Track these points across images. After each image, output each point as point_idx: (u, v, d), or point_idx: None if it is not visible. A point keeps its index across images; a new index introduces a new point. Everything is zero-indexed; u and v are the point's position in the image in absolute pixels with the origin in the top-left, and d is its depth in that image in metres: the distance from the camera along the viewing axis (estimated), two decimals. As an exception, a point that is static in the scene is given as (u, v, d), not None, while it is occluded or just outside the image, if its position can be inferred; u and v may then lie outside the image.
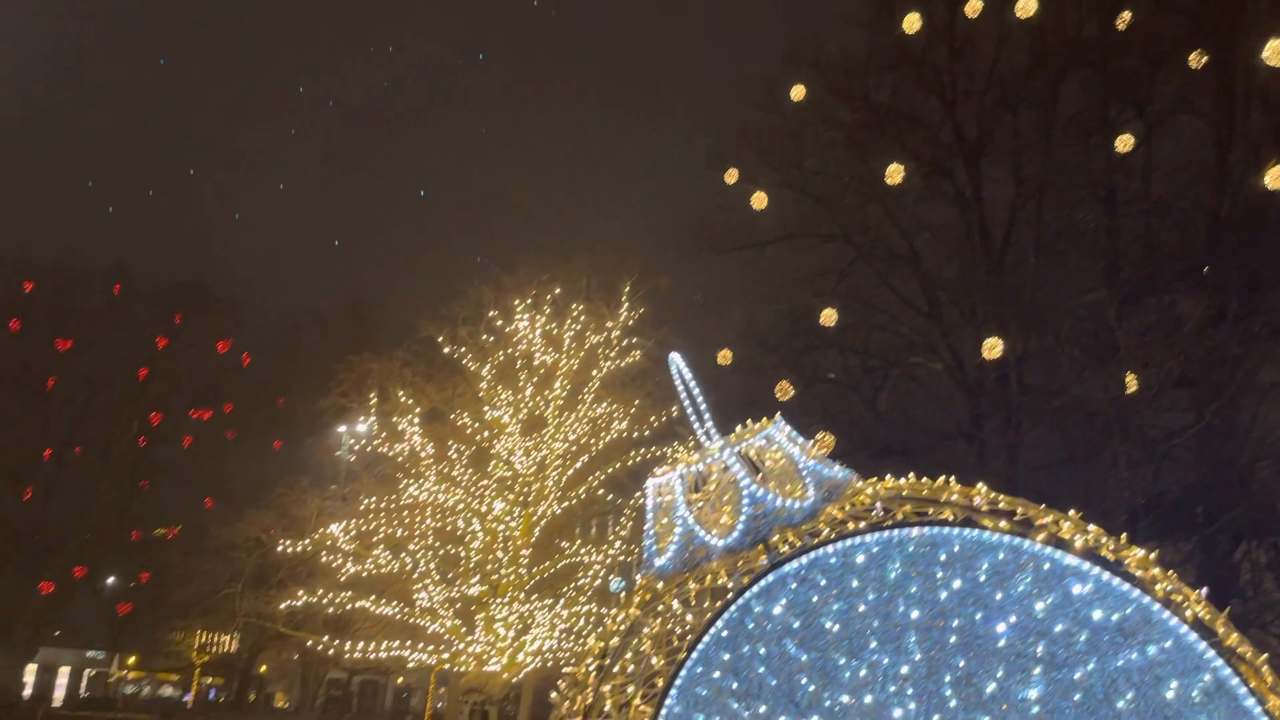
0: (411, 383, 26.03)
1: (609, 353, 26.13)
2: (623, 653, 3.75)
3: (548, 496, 25.14)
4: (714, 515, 3.93)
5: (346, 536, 24.29)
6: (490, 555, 24.18)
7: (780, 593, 3.68)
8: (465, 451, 25.26)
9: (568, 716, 3.73)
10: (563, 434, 25.26)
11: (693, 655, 3.57)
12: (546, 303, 26.05)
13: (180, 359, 45.16)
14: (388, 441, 25.29)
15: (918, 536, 3.73)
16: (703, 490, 4.05)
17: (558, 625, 23.86)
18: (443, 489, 24.50)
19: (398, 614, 24.17)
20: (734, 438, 4.11)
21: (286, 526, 26.35)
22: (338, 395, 28.19)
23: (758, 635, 3.61)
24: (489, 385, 25.61)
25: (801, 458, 4.02)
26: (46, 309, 42.96)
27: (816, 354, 28.30)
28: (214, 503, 41.23)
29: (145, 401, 44.39)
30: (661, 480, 4.08)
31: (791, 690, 3.52)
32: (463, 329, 26.24)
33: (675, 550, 3.90)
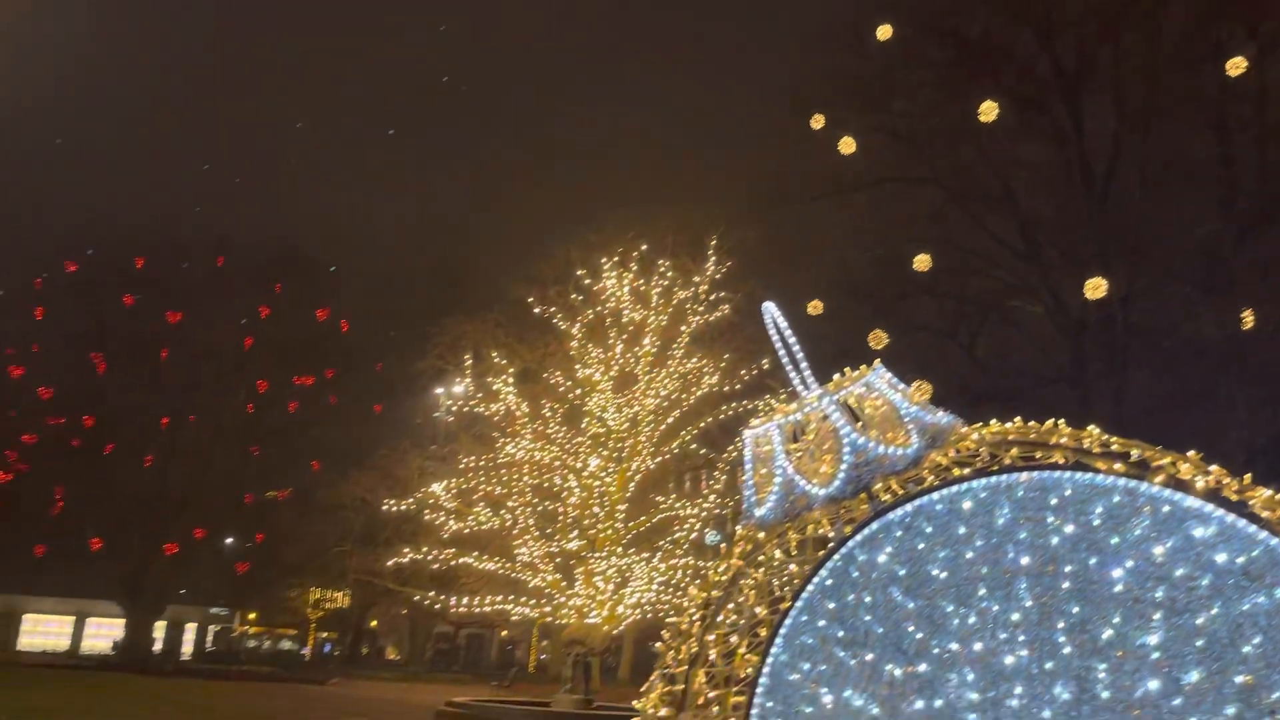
0: (504, 343, 26.45)
1: (697, 307, 26.07)
2: (725, 603, 3.76)
3: (641, 452, 25.35)
4: (814, 465, 3.89)
5: (448, 495, 24.93)
6: (587, 510, 24.54)
7: (885, 541, 3.62)
8: (559, 409, 25.63)
9: (673, 666, 3.76)
10: (654, 390, 25.37)
11: (797, 604, 3.55)
12: (633, 259, 26.07)
13: (282, 327, 46.59)
14: (484, 401, 25.79)
15: (1027, 481, 3.63)
16: (801, 440, 4.00)
17: (655, 578, 24.14)
18: (538, 447, 24.91)
19: (500, 569, 24.78)
20: (832, 386, 4.04)
21: (390, 486, 27.20)
22: (434, 358, 28.85)
23: (863, 583, 3.57)
24: (579, 343, 25.84)
25: (903, 404, 3.93)
26: (156, 283, 44.78)
27: (910, 301, 27.72)
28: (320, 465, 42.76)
29: (251, 369, 46.04)
30: (759, 431, 4.04)
31: (899, 638, 3.48)
32: (552, 289, 26.50)
33: (775, 500, 3.88)
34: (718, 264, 26.25)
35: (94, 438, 42.53)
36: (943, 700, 3.39)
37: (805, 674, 3.46)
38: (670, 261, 26.24)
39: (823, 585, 3.57)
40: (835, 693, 3.42)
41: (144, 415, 43.92)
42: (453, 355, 27.49)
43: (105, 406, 43.50)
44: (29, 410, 42.02)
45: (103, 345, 44.25)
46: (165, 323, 44.50)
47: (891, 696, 3.41)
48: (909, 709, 3.39)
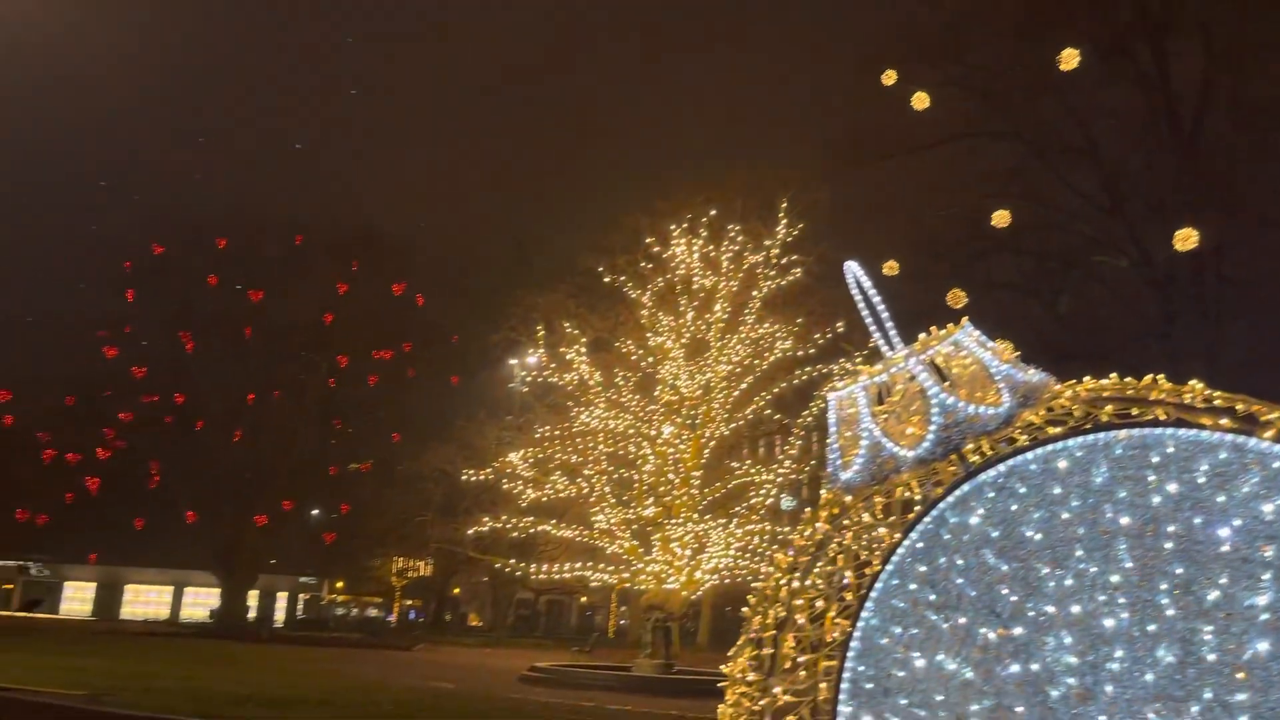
0: (576, 314, 26.58)
1: (768, 272, 25.82)
2: (812, 567, 3.72)
3: (715, 419, 25.32)
4: (901, 426, 3.80)
5: (524, 464, 25.26)
6: (662, 477, 24.64)
7: (977, 502, 3.53)
8: (631, 378, 25.71)
9: (760, 630, 3.74)
10: (726, 356, 25.27)
11: (887, 568, 3.49)
12: (702, 225, 25.89)
13: (360, 303, 47.51)
14: (557, 372, 26.00)
15: (1126, 439, 3.50)
16: (887, 401, 3.91)
17: (732, 543, 24.17)
18: (612, 415, 25.05)
19: (577, 536, 25.09)
20: (918, 345, 3.94)
21: (468, 457, 27.68)
22: (507, 330, 29.18)
23: (954, 546, 3.49)
24: (650, 312, 25.84)
25: (994, 362, 3.81)
26: (238, 263, 46.00)
27: (989, 259, 26.97)
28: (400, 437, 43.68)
29: (332, 345, 47.08)
30: (843, 393, 3.97)
31: (992, 601, 3.40)
32: (621, 258, 26.50)
33: (862, 463, 3.81)
34: (789, 227, 25.92)
35: (185, 414, 44.07)
36: (1039, 664, 3.31)
37: (896, 638, 3.40)
38: (740, 226, 26.01)
39: (913, 548, 3.50)
40: (928, 657, 3.37)
41: (231, 392, 45.36)
42: (525, 327, 27.76)
43: (194, 384, 45.04)
44: (124, 389, 43.67)
45: (190, 325, 45.69)
46: (248, 301, 45.75)
47: (985, 660, 3.34)
48: (1004, 673, 3.32)
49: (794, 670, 3.53)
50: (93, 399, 42.89)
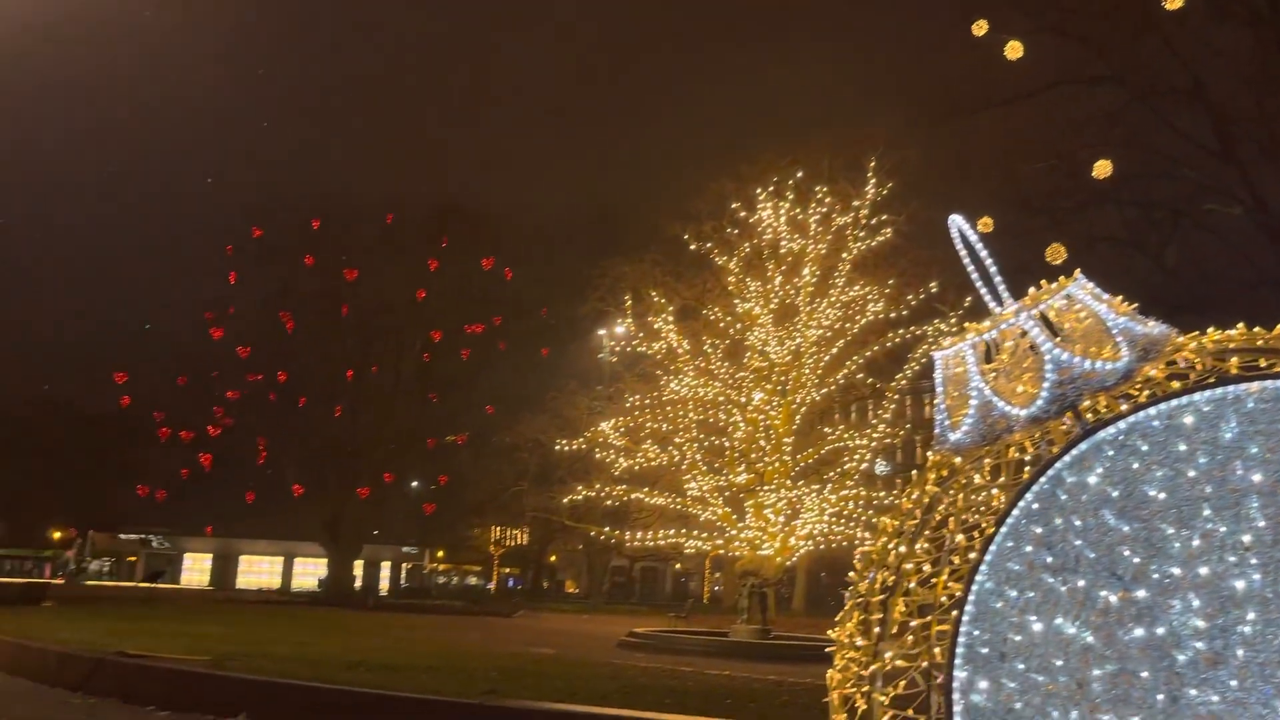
0: (662, 282, 26.54)
1: (857, 233, 25.34)
2: (922, 530, 3.64)
3: (805, 384, 25.07)
4: (1011, 385, 3.67)
5: (616, 433, 25.45)
6: (753, 444, 24.55)
7: (1095, 461, 3.39)
8: (720, 345, 25.60)
9: (868, 595, 3.68)
10: (815, 320, 24.96)
11: (1002, 530, 3.38)
12: (789, 188, 25.51)
13: (451, 278, 48.38)
14: (645, 341, 26.05)
15: (1258, 392, 3.31)
16: (996, 359, 3.78)
17: (826, 509, 24.00)
18: (701, 383, 25.02)
19: (670, 504, 25.21)
20: (1028, 300, 3.79)
21: (561, 427, 28.01)
22: (594, 300, 29.31)
23: (1071, 507, 3.36)
24: (737, 278, 25.64)
25: (1110, 315, 3.64)
26: (333, 244, 47.23)
27: (1090, 211, 25.95)
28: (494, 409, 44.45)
29: (425, 321, 48.12)
30: (950, 351, 3.85)
31: (1113, 563, 3.27)
32: (707, 224, 26.31)
33: (971, 423, 3.69)
34: (877, 186, 25.37)
35: (288, 392, 45.62)
36: (1165, 627, 3.18)
37: (1012, 601, 3.31)
38: (828, 187, 25.55)
39: (1028, 509, 3.39)
40: (1045, 621, 3.26)
41: (331, 369, 46.82)
42: (613, 297, 27.85)
43: (296, 362, 46.58)
44: (230, 369, 45.41)
45: (290, 305, 47.18)
46: (343, 280, 46.97)
47: (1107, 624, 3.22)
48: (1127, 637, 3.20)
49: (904, 634, 3.46)
50: (202, 379, 44.71)
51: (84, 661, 11.59)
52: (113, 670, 11.13)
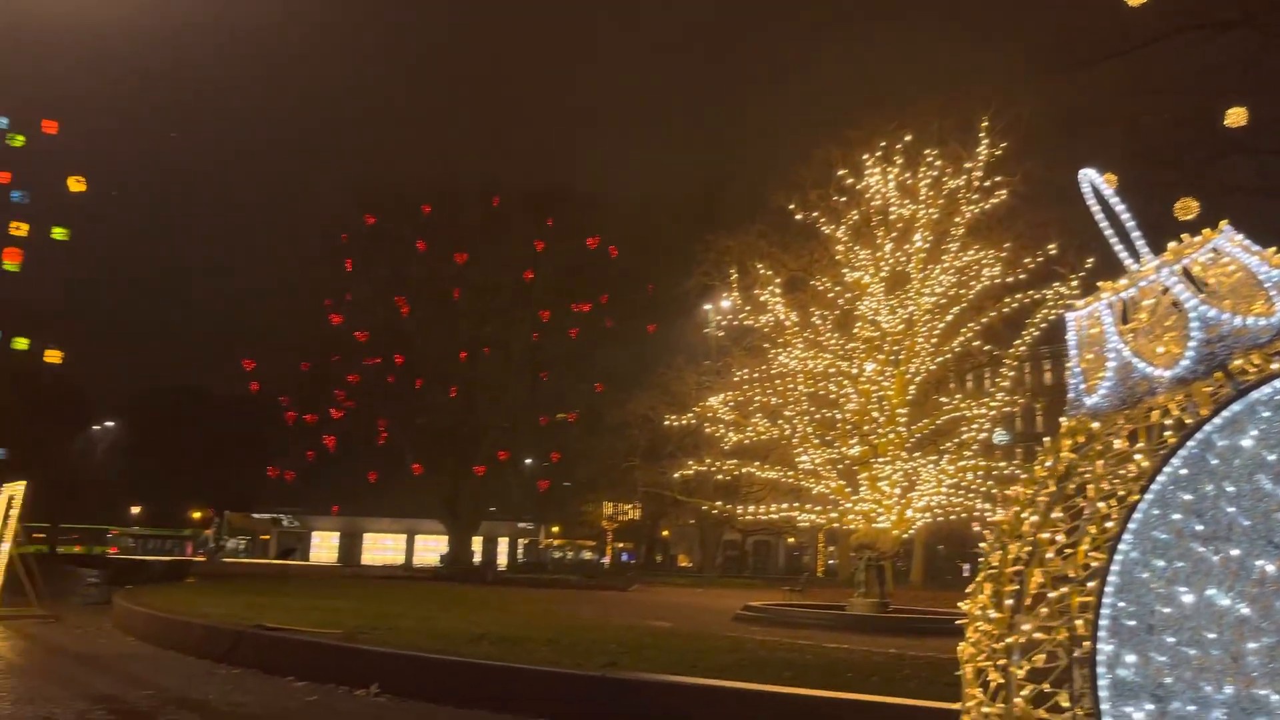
0: (768, 254, 26.20)
1: (970, 195, 24.50)
2: (1059, 500, 3.49)
3: (919, 353, 24.47)
4: (1153, 344, 3.48)
5: (725, 408, 25.35)
6: (866, 416, 24.11)
7: (1249, 423, 3.18)
8: (829, 316, 25.18)
9: (1001, 566, 3.56)
10: (928, 287, 24.29)
11: (1147, 496, 3.21)
12: (897, 153, 24.81)
13: (557, 258, 48.98)
14: (752, 314, 25.81)
15: None
16: (1134, 318, 3.59)
17: (944, 481, 23.43)
18: (811, 355, 24.67)
19: (782, 477, 25.00)
20: (1169, 255, 3.57)
21: (669, 403, 28.05)
22: (700, 275, 29.17)
23: (1223, 472, 3.17)
24: (846, 246, 25.13)
25: (1262, 267, 3.41)
26: (443, 228, 48.35)
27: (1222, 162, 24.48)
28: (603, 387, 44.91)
29: (533, 301, 48.89)
30: (1084, 312, 3.67)
31: (1269, 531, 3.08)
32: (812, 193, 25.82)
33: (1110, 386, 3.52)
34: (990, 147, 24.45)
35: (406, 374, 47.05)
36: (1328, 598, 2.99)
37: (1159, 572, 3.15)
38: (938, 150, 24.75)
39: (1175, 475, 3.21)
40: (1196, 591, 3.10)
41: (445, 351, 48.09)
42: (718, 270, 27.64)
43: (412, 345, 48.01)
44: (350, 353, 47.04)
45: (404, 290, 48.56)
46: (454, 264, 48.05)
47: (1264, 594, 3.04)
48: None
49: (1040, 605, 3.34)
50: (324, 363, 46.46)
51: (227, 635, 12.24)
52: (253, 643, 11.72)
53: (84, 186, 21.98)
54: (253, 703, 9.07)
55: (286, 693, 9.72)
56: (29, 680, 10.31)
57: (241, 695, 9.44)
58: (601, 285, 48.67)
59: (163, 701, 8.99)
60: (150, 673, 10.93)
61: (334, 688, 9.86)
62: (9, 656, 12.49)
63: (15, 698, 8.96)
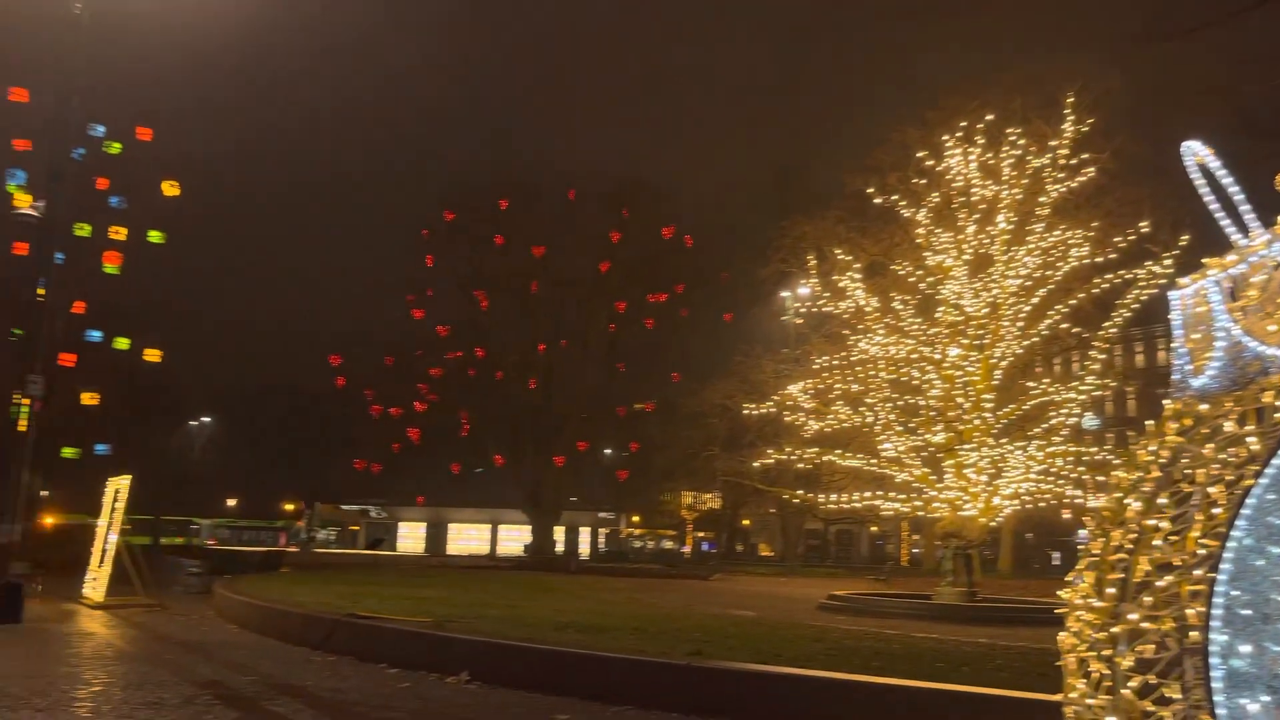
0: (847, 239, 25.85)
1: (1056, 174, 23.80)
2: (1166, 485, 3.37)
3: (1005, 337, 23.89)
4: (1264, 323, 3.34)
5: (805, 396, 25.12)
6: (950, 402, 23.65)
7: (1369, 403, 3.05)
8: (911, 301, 24.73)
9: (1103, 554, 3.46)
10: (1013, 270, 23.68)
11: (1262, 481, 3.09)
12: (978, 132, 24.22)
13: (633, 249, 49.17)
14: (831, 300, 25.50)
15: None
16: (1244, 296, 3.44)
17: (1032, 467, 22.87)
18: (893, 341, 24.29)
19: (864, 465, 24.69)
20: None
21: (748, 391, 27.94)
22: (777, 262, 28.95)
23: (1343, 455, 3.04)
24: (927, 229, 24.65)
25: (1383, 239, 3.25)
26: (520, 222, 48.92)
27: (1332, 131, 23.31)
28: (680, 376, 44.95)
29: (609, 292, 49.16)
30: (1189, 290, 3.54)
31: (1394, 516, 2.94)
32: (891, 176, 25.37)
33: (1219, 367, 3.39)
34: (1077, 123, 23.70)
35: (486, 367, 47.81)
36: None
37: (1275, 559, 3.02)
38: (1021, 128, 24.09)
39: (1293, 459, 3.08)
40: (1314, 579, 2.97)
41: (523, 343, 48.73)
42: (795, 257, 27.38)
43: (492, 338, 48.76)
44: (432, 347, 47.96)
45: (483, 284, 49.29)
46: (531, 257, 48.60)
47: (1388, 583, 2.90)
48: None
49: (1147, 595, 3.23)
50: (407, 357, 47.46)
51: (323, 623, 12.60)
52: (348, 631, 12.05)
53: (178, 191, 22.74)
54: (349, 689, 9.32)
55: (380, 679, 9.97)
56: (138, 666, 10.77)
57: (338, 681, 9.71)
58: (677, 275, 48.69)
59: (265, 687, 9.30)
60: (251, 659, 11.31)
61: (425, 675, 10.07)
62: (118, 644, 13.07)
63: (125, 684, 9.36)
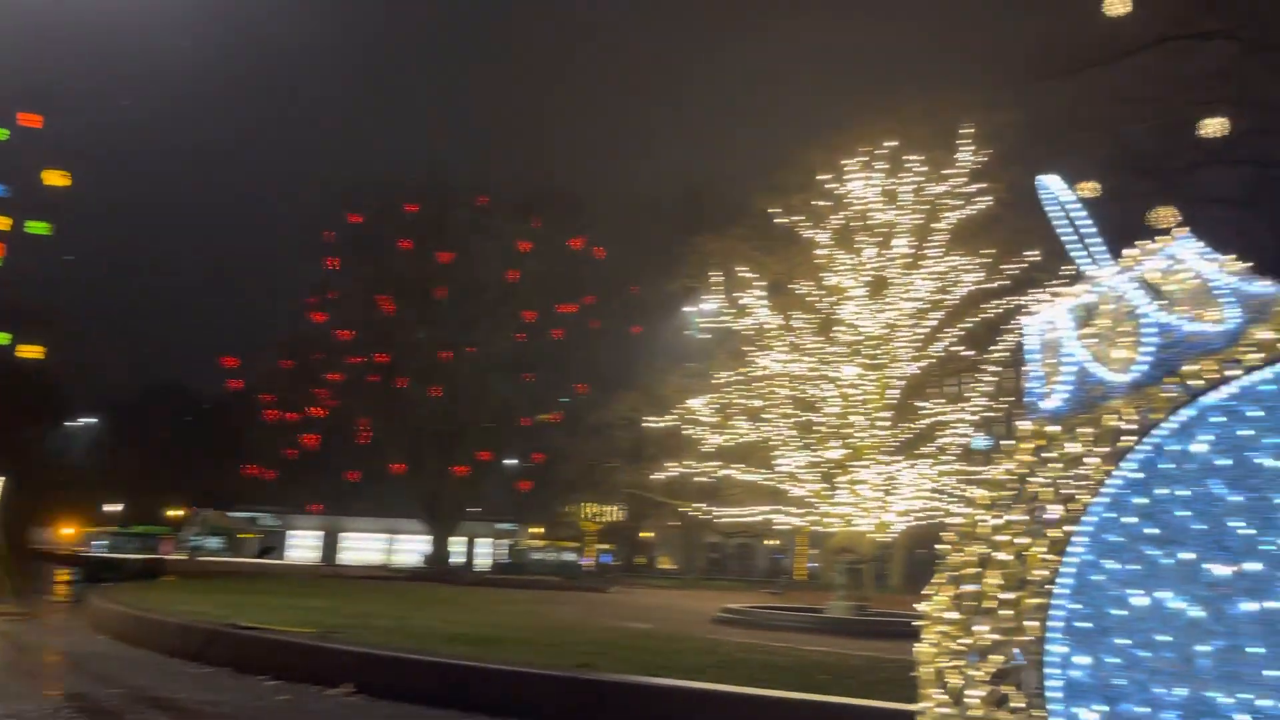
0: (751, 257, 26.23)
1: (953, 202, 24.63)
2: (1016, 502, 3.52)
3: (900, 358, 24.57)
4: (1110, 350, 3.53)
5: (706, 410, 25.37)
6: (846, 419, 24.19)
7: (1200, 428, 3.24)
8: (811, 320, 25.24)
9: (961, 568, 3.59)
10: (910, 293, 24.39)
11: (1101, 500, 3.26)
12: (880, 157, 24.91)
13: (543, 259, 48.92)
14: (735, 317, 25.85)
15: (1378, 353, 3.13)
16: (1094, 323, 3.63)
17: (924, 485, 23.54)
18: (793, 358, 24.73)
19: (763, 480, 25.05)
20: (1127, 261, 3.62)
21: (652, 404, 28.04)
22: (684, 278, 29.20)
23: (1176, 476, 3.22)
24: (828, 251, 25.20)
25: (1217, 275, 3.47)
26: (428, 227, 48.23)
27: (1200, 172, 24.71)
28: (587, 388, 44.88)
29: (518, 301, 48.81)
30: (1043, 317, 3.72)
31: (1220, 535, 3.13)
32: (796, 197, 25.87)
33: (1068, 391, 3.57)
34: (974, 154, 24.58)
35: (388, 374, 46.90)
36: (1277, 601, 3.03)
37: (1112, 575, 3.19)
38: (921, 155, 24.86)
39: (1129, 479, 3.26)
40: (1148, 594, 3.14)
41: (428, 350, 47.93)
42: (701, 273, 27.65)
43: (395, 344, 47.85)
44: (333, 352, 46.87)
45: (388, 289, 48.40)
46: (438, 264, 47.93)
47: (1215, 598, 3.09)
48: (1235, 611, 3.06)
49: (998, 609, 3.37)
50: (306, 361, 46.26)
51: (200, 633, 12.17)
52: (227, 641, 11.66)
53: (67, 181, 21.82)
54: (223, 701, 9.02)
55: (258, 692, 9.67)
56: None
57: (213, 694, 9.39)
58: (587, 286, 48.67)
59: (133, 700, 8.93)
60: (122, 671, 10.85)
61: (307, 687, 9.81)
62: (-21, 653, 12.39)
63: (-17, 695, 8.88)
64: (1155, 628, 3.14)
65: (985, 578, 3.44)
